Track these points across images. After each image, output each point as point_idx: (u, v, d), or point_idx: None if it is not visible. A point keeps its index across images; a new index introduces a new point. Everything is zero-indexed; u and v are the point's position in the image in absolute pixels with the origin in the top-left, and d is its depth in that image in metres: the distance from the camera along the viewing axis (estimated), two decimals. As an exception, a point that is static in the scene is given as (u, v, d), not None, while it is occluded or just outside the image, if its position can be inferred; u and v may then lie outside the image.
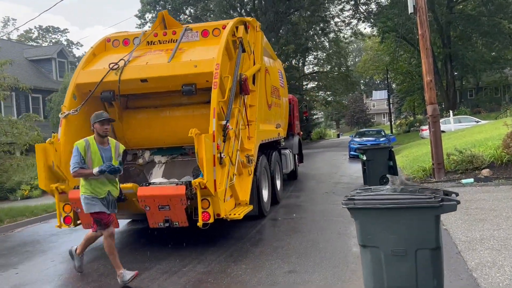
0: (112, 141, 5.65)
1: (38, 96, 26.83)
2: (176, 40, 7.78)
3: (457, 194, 3.85)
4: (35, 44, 50.19)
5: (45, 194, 15.71)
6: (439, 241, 3.60)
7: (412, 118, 51.03)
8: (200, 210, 6.06)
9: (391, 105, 54.57)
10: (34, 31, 55.77)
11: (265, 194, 8.88)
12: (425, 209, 3.54)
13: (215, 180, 6.12)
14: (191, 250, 6.57)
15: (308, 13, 34.20)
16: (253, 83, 8.65)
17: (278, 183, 10.31)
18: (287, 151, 12.31)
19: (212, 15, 33.93)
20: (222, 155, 6.31)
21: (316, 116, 64.12)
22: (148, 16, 35.28)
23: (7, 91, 11.29)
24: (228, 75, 7.13)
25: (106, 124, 5.40)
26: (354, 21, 38.71)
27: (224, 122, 6.56)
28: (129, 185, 6.37)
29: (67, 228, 6.86)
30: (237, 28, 7.94)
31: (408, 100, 45.85)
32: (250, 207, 7.31)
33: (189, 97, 7.71)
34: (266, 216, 8.59)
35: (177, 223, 6.36)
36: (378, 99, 79.67)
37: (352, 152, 20.22)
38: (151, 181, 6.80)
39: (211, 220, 6.18)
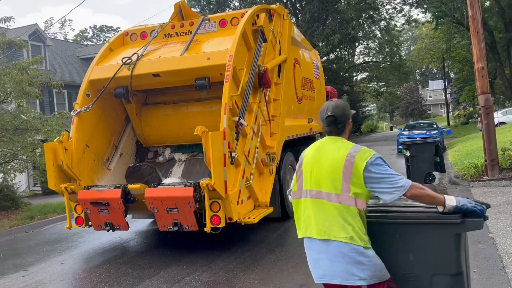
0: None
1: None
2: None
3: (488, 206, 3.08)
4: (90, 43, 52.24)
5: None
6: (461, 265, 2.87)
7: (471, 109, 47.84)
8: (208, 214, 5.60)
9: (448, 95, 51.53)
10: (89, 30, 58.17)
11: None
12: (442, 225, 2.83)
13: (225, 182, 5.65)
14: (202, 255, 6.14)
15: (356, 0, 32.77)
16: (279, 75, 8.07)
17: None
18: None
19: (257, 7, 33.43)
20: (233, 154, 5.80)
21: (368, 108, 61.95)
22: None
23: (39, 89, 11.47)
24: (244, 67, 6.55)
25: None
26: (406, 7, 36.69)
27: (236, 119, 6.02)
28: (137, 185, 6.04)
29: (79, 228, 6.67)
30: (258, 16, 7.33)
31: (467, 89, 42.82)
32: (270, 210, 6.75)
33: (207, 92, 7.25)
34: (292, 218, 7.97)
35: (186, 227, 5.95)
36: (435, 89, 75.56)
37: (400, 147, 18.98)
38: (162, 182, 6.44)
39: (222, 225, 5.72)
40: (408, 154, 11.11)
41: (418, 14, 60.50)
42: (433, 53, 46.83)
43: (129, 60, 6.83)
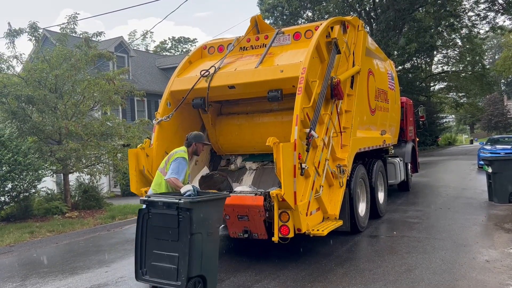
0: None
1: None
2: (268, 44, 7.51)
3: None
4: (168, 54, 54.98)
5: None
6: None
7: None
8: (276, 224, 5.69)
9: (538, 107, 47.47)
10: (168, 42, 61.14)
11: (362, 207, 8.16)
12: None
13: (295, 192, 5.67)
14: (271, 264, 6.24)
15: (435, 8, 31.33)
16: (352, 86, 8.02)
17: (381, 195, 9.44)
18: (396, 160, 11.27)
19: (331, 18, 33.13)
20: (303, 166, 5.85)
21: (446, 120, 58.82)
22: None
23: (123, 98, 12.34)
24: (317, 79, 6.60)
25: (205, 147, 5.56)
26: (491, 14, 34.37)
27: (307, 130, 6.07)
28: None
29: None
30: (332, 28, 7.35)
31: (561, 101, 39.19)
32: (339, 223, 6.70)
33: (279, 103, 7.32)
34: (362, 232, 7.85)
35: (256, 235, 6.14)
36: (523, 101, 69.95)
37: (481, 162, 17.83)
38: (234, 190, 6.65)
39: (291, 235, 5.77)
40: (490, 170, 10.47)
41: (504, 21, 56.46)
42: (521, 62, 43.46)
43: (207, 73, 7.13)
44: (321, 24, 7.28)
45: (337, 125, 7.20)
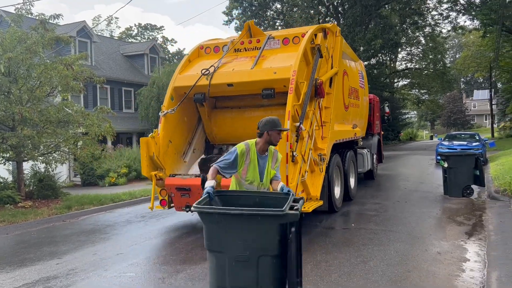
0: (270, 149, 4.60)
1: (130, 89, 28.41)
2: (260, 47, 8.34)
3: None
4: (134, 41, 53.64)
5: (129, 182, 16.65)
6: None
7: (518, 121, 45.63)
8: None
9: (494, 106, 49.52)
10: (134, 28, 59.65)
11: (337, 191, 9.26)
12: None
13: (287, 176, 6.52)
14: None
15: (400, 6, 31.98)
16: (330, 85, 8.98)
17: (352, 181, 10.62)
18: (364, 151, 12.33)
19: (299, 11, 33.20)
20: (294, 154, 6.73)
21: (408, 116, 60.46)
22: (235, 12, 35.71)
23: (82, 84, 11.92)
24: (304, 80, 7.59)
25: (281, 134, 4.56)
26: (453, 14, 35.46)
27: (297, 124, 6.98)
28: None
29: (162, 209, 8.17)
30: (316, 35, 8.33)
31: (514, 101, 40.97)
32: (320, 202, 7.75)
33: (269, 99, 8.15)
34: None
35: None
36: (480, 99, 72.82)
37: (438, 157, 18.43)
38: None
39: None
40: (446, 165, 10.82)
41: (465, 21, 58.68)
42: (479, 61, 45.14)
43: (207, 72, 7.96)
44: (306, 32, 8.22)
45: (319, 119, 8.11)
